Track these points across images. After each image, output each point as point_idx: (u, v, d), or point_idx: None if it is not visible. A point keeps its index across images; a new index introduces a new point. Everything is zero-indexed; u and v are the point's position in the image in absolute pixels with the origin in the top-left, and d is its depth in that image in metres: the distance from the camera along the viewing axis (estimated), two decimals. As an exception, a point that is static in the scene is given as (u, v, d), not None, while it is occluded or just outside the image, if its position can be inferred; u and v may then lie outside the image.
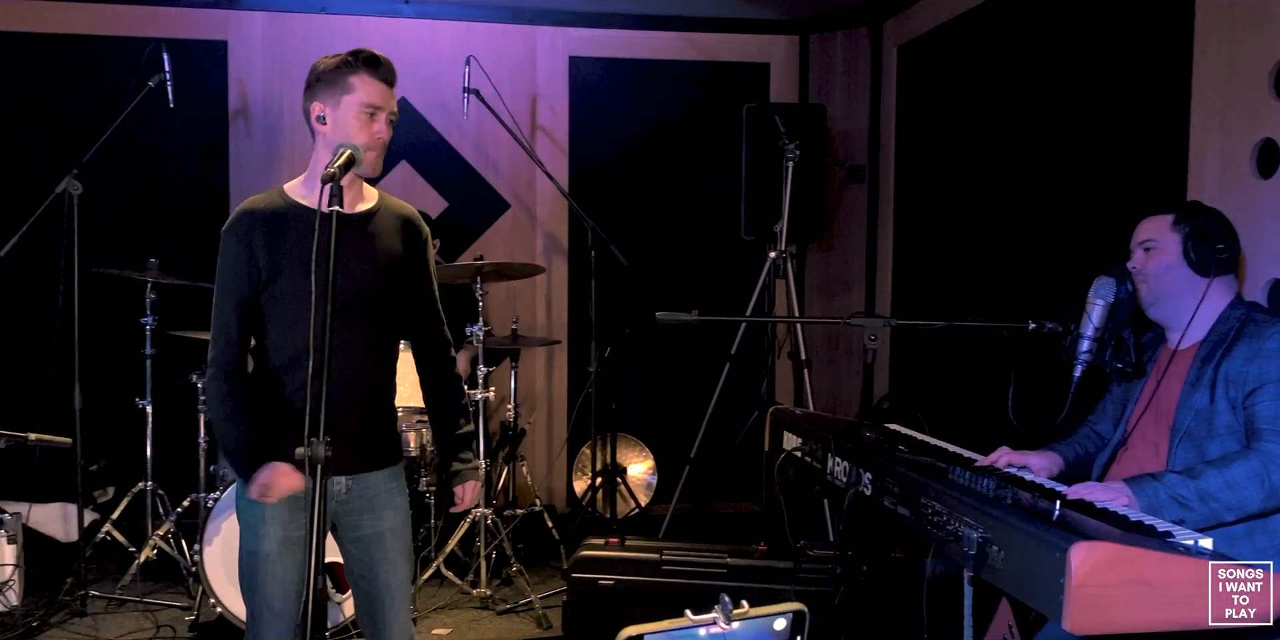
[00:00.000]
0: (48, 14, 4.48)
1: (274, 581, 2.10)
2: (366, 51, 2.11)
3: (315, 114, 2.11)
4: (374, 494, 2.18)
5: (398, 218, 2.22)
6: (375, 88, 2.10)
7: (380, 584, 2.19)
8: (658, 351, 4.91)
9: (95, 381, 3.71)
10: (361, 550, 2.19)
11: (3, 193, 4.45)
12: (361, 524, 2.18)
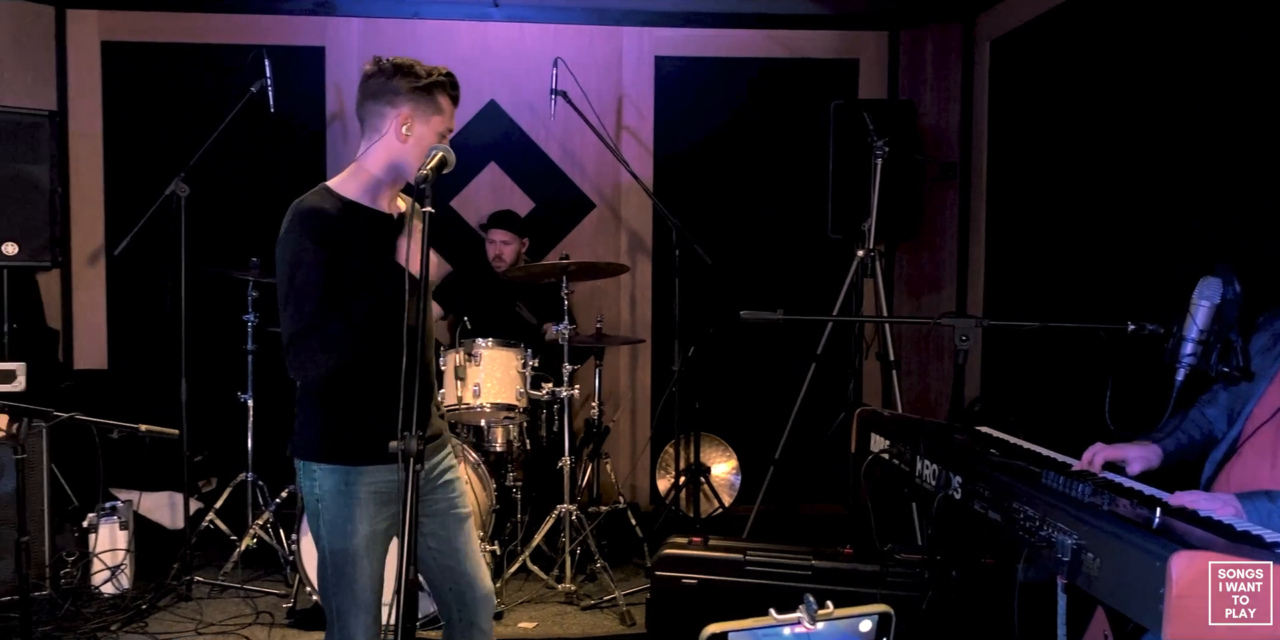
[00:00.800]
0: (160, 23, 4.70)
1: (364, 578, 2.15)
2: (447, 73, 2.19)
3: (401, 122, 2.14)
4: (443, 469, 2.27)
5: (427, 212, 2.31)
6: (452, 111, 2.20)
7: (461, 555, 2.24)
8: (742, 351, 4.89)
9: (200, 376, 3.88)
10: (437, 525, 2.23)
11: (119, 195, 4.69)
12: (437, 500, 2.24)
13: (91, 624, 3.33)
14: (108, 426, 2.47)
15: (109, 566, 3.63)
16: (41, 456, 3.50)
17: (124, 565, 3.66)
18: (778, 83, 4.98)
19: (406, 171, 2.17)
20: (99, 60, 4.67)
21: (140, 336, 4.70)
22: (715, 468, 4.75)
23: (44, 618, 3.33)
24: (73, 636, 3.22)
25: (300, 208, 2.17)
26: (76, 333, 4.72)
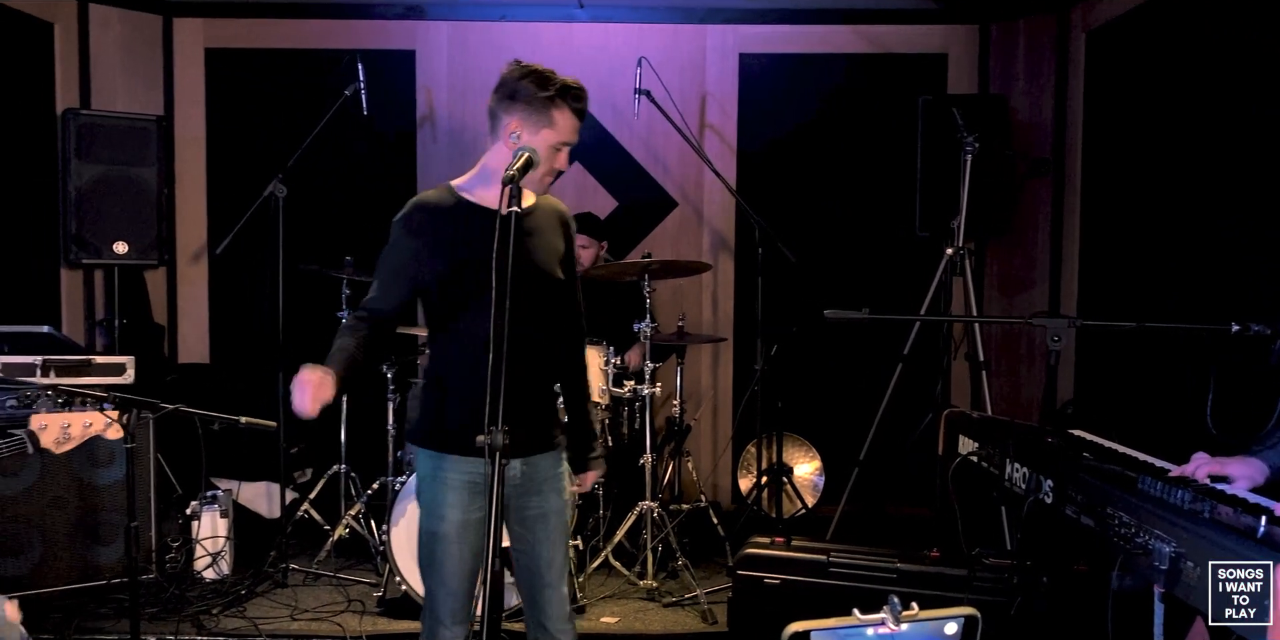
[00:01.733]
0: (259, 30, 4.88)
1: (452, 561, 2.21)
2: (574, 87, 2.18)
3: (510, 130, 2.18)
4: (542, 477, 2.28)
5: (554, 214, 2.34)
6: (572, 124, 2.19)
7: (542, 562, 2.27)
8: (826, 350, 4.84)
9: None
10: (526, 529, 2.28)
11: (221, 196, 4.88)
12: (529, 505, 2.27)
13: (194, 607, 3.48)
14: (210, 418, 2.57)
15: (210, 553, 3.78)
16: (149, 446, 3.67)
17: (224, 552, 3.81)
18: (864, 79, 4.91)
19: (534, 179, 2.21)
20: (203, 67, 4.87)
21: (240, 332, 4.89)
22: (798, 468, 4.72)
23: (150, 600, 3.48)
24: (177, 619, 3.36)
25: (413, 200, 2.27)
26: (181, 328, 4.93)
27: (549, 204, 2.34)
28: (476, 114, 4.91)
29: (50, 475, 3.49)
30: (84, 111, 4.35)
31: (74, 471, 3.54)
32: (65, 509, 3.52)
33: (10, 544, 3.42)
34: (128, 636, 2.77)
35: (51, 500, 3.50)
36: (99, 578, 3.55)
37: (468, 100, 4.91)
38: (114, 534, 3.58)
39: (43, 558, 3.48)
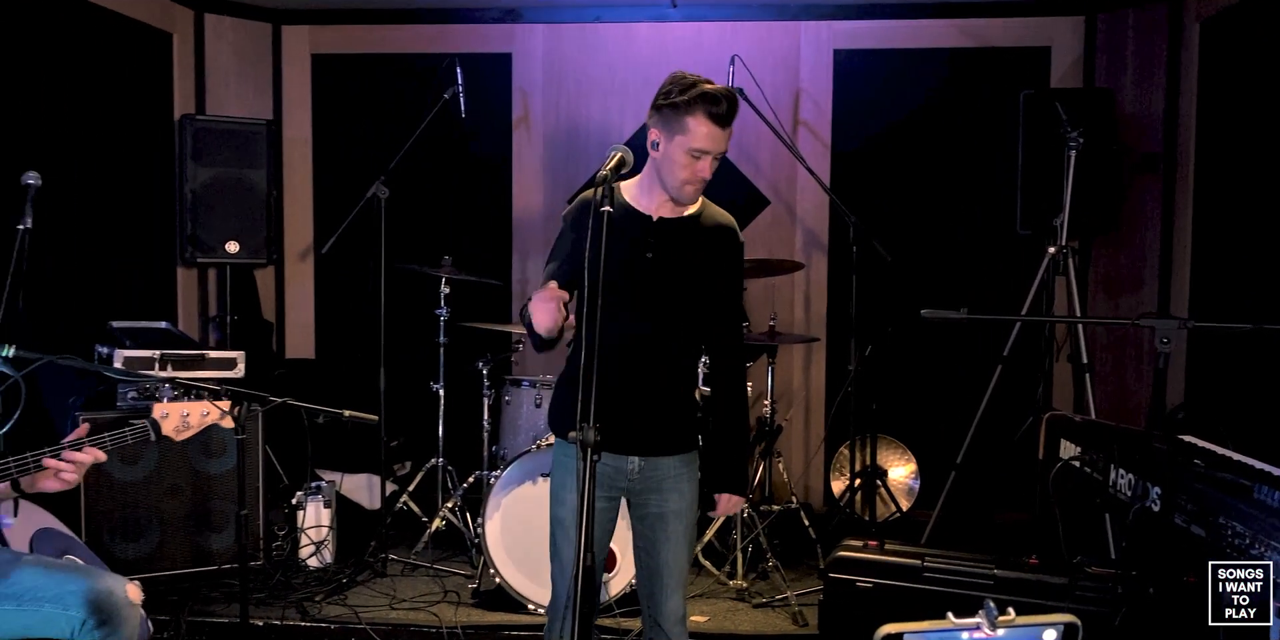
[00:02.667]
0: (363, 36, 5.03)
1: (569, 548, 2.27)
2: (710, 90, 2.15)
3: (651, 138, 2.22)
4: (663, 477, 2.30)
5: (715, 224, 2.35)
6: (707, 131, 2.16)
7: (660, 561, 2.30)
8: (922, 351, 4.75)
9: (397, 366, 4.13)
10: (646, 528, 2.31)
11: (326, 197, 5.05)
12: (648, 503, 2.30)
13: (298, 594, 3.61)
14: (315, 411, 2.66)
15: (314, 542, 3.92)
16: (258, 437, 3.82)
17: (327, 541, 3.94)
18: (963, 73, 4.80)
19: (660, 183, 2.25)
20: (309, 72, 5.05)
21: (344, 329, 5.06)
22: (892, 471, 4.64)
23: (258, 586, 3.62)
24: (282, 604, 3.49)
25: (580, 195, 2.32)
26: (288, 325, 5.12)
27: (713, 214, 2.35)
28: (571, 115, 4.97)
29: (167, 464, 3.68)
30: (199, 117, 4.56)
31: (189, 461, 3.71)
32: (180, 496, 3.70)
33: (131, 529, 3.62)
34: (237, 620, 2.90)
35: (168, 488, 3.68)
36: (211, 563, 3.72)
37: (562, 101, 4.97)
38: (225, 521, 3.75)
39: (160, 542, 3.66)
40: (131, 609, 2.31)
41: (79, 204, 3.98)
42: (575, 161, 4.94)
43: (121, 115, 4.34)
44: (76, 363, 2.47)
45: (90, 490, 3.53)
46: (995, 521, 4.47)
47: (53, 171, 3.13)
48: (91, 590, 2.25)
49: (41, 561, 2.39)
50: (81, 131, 4.09)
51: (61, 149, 3.94)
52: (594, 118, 4.94)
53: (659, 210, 2.29)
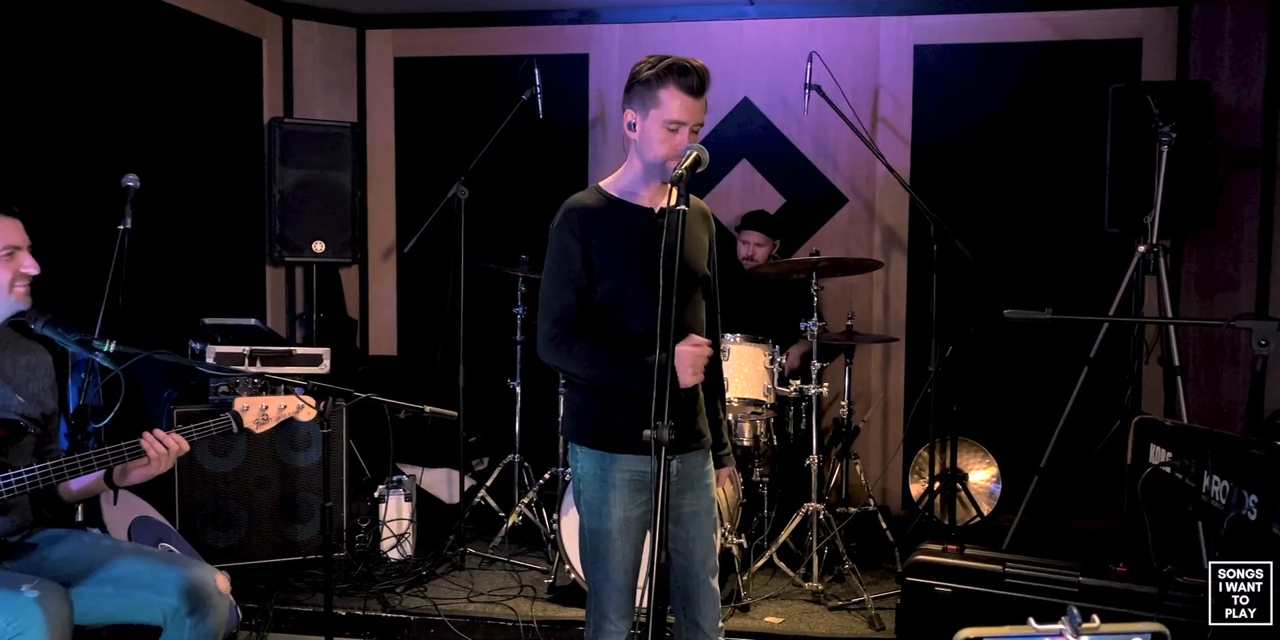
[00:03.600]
0: (444, 39, 5.12)
1: (616, 557, 2.25)
2: (677, 61, 2.14)
3: (627, 120, 2.23)
4: (695, 475, 2.30)
5: (699, 213, 2.36)
6: (680, 102, 2.14)
7: (696, 560, 2.29)
8: (1005, 352, 4.64)
9: (475, 363, 4.19)
10: (680, 527, 2.29)
11: (408, 197, 5.16)
12: (684, 503, 2.29)
13: (379, 585, 3.70)
14: (397, 407, 2.71)
15: (395, 534, 4.01)
16: (342, 432, 3.93)
17: (407, 534, 4.03)
18: (1048, 67, 4.67)
19: (647, 167, 2.24)
20: (392, 75, 5.17)
21: (425, 326, 5.16)
22: (973, 474, 4.54)
23: (341, 576, 3.72)
24: (364, 595, 3.58)
25: (565, 203, 2.31)
26: (371, 322, 5.25)
27: (695, 202, 2.34)
28: (647, 114, 4.99)
29: (255, 457, 3.80)
30: (287, 120, 4.70)
31: (276, 454, 3.83)
32: (268, 488, 3.82)
33: (222, 519, 3.75)
34: (321, 609, 2.98)
35: (256, 480, 3.81)
36: (296, 553, 3.84)
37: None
38: (310, 513, 3.86)
39: (248, 533, 3.79)
40: (220, 598, 2.39)
41: (174, 205, 4.14)
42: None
43: (214, 119, 4.50)
44: (171, 358, 2.56)
45: (184, 481, 3.67)
46: (1080, 528, 4.34)
47: (150, 174, 3.26)
48: (185, 578, 2.33)
49: (139, 550, 2.49)
50: (177, 135, 4.26)
51: (158, 152, 4.10)
52: (670, 117, 4.94)
53: (655, 201, 2.27)
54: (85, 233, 3.45)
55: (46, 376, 2.49)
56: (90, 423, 2.88)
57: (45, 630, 2.03)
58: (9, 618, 2.03)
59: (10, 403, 2.36)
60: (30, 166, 3.48)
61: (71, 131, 3.67)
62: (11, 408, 2.36)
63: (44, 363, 2.50)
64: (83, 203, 3.58)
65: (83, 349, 2.38)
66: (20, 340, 2.46)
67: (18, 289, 2.32)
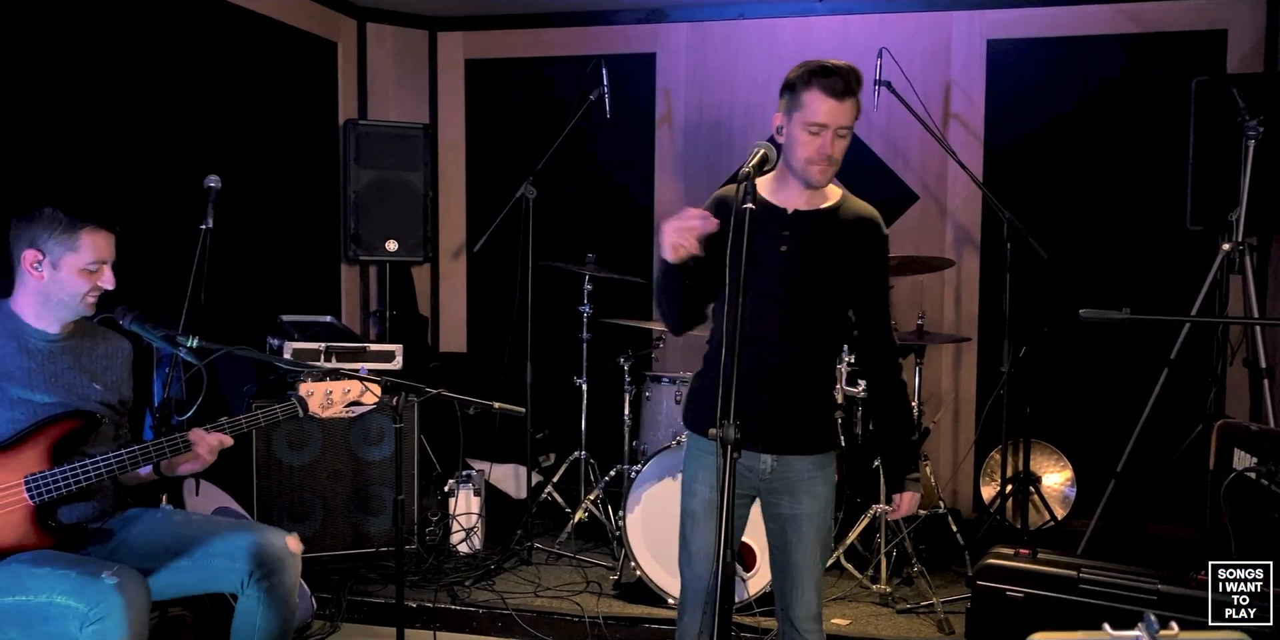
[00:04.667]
0: (513, 41, 5.18)
1: (698, 541, 2.28)
2: (822, 64, 2.13)
3: (776, 124, 2.22)
4: (796, 478, 2.27)
5: (855, 217, 2.30)
6: (823, 105, 2.12)
7: (791, 562, 2.28)
8: (1080, 353, 4.53)
9: (542, 360, 4.24)
10: (778, 528, 2.30)
11: (478, 197, 5.24)
12: (781, 503, 2.28)
13: (449, 578, 3.76)
14: (467, 403, 2.75)
15: (464, 528, 4.07)
16: (414, 427, 4.00)
17: (476, 528, 4.09)
18: (1127, 61, 4.53)
19: (791, 170, 2.23)
20: (463, 76, 5.24)
21: (493, 324, 5.23)
22: (1046, 478, 4.45)
23: (411, 568, 3.80)
24: (434, 587, 3.65)
25: (714, 194, 2.33)
26: (442, 320, 5.33)
27: (854, 207, 2.31)
28: (713, 113, 4.98)
29: (330, 450, 3.89)
30: (361, 122, 4.80)
31: (350, 448, 3.93)
32: (342, 481, 3.92)
33: (298, 510, 3.85)
34: (393, 600, 3.05)
35: (330, 473, 3.90)
36: (368, 545, 3.92)
37: (705, 99, 4.98)
38: (382, 506, 3.94)
39: (323, 524, 3.89)
40: (292, 559, 2.47)
41: (253, 205, 4.26)
42: (717, 159, 4.94)
43: (292, 121, 4.62)
44: (251, 353, 2.64)
45: (262, 473, 3.78)
46: (1159, 534, 4.22)
47: (230, 175, 3.36)
48: (255, 543, 2.42)
49: (209, 520, 2.59)
50: (256, 137, 4.38)
51: (239, 154, 4.23)
52: (736, 115, 4.93)
53: (794, 203, 2.26)
54: (169, 232, 3.58)
55: (124, 364, 2.59)
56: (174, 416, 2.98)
57: (124, 616, 2.11)
58: (90, 603, 2.11)
59: (89, 391, 2.46)
60: (118, 169, 3.61)
61: (157, 134, 3.80)
62: (90, 396, 2.45)
63: (121, 350, 2.60)
64: (167, 203, 3.70)
65: (168, 344, 2.47)
66: (97, 329, 2.56)
67: (89, 299, 2.42)
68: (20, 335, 2.39)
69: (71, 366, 2.45)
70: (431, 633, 3.40)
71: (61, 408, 2.37)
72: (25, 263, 2.37)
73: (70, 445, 2.35)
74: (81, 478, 2.30)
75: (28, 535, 2.26)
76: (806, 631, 2.29)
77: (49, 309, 2.41)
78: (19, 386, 2.34)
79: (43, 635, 2.19)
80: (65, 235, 2.35)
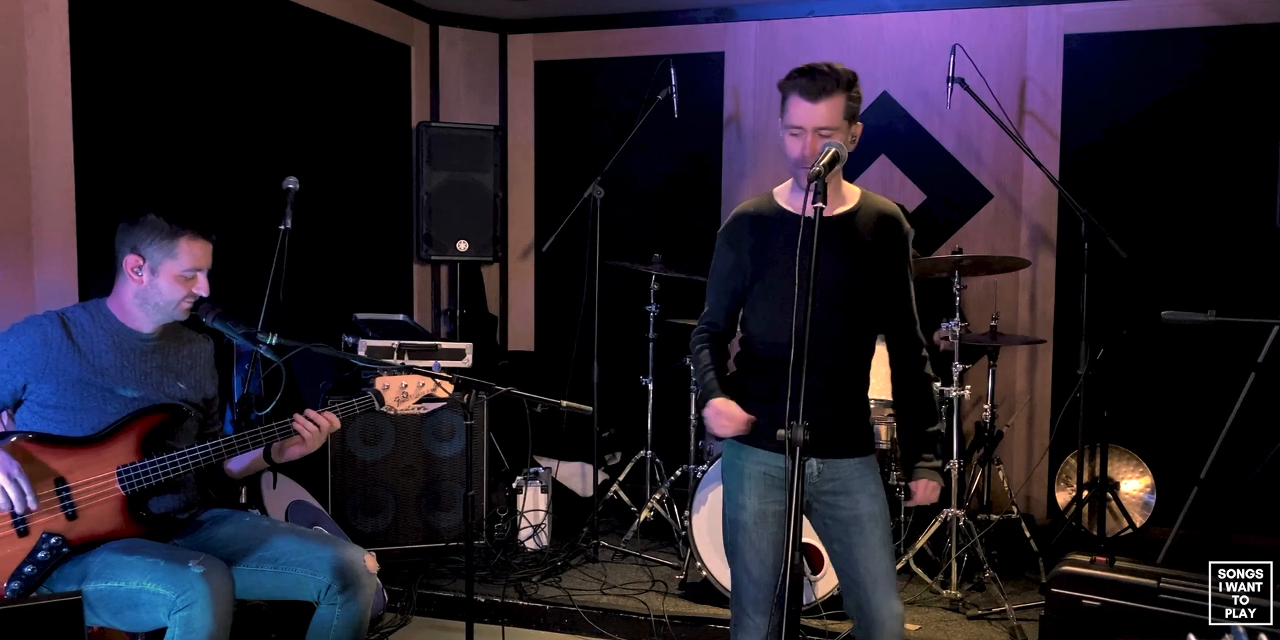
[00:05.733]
0: (581, 42, 5.22)
1: (750, 550, 2.26)
2: (802, 67, 2.16)
3: (780, 128, 2.25)
4: (848, 479, 2.27)
5: (877, 216, 2.29)
6: (798, 108, 2.15)
7: (861, 570, 2.24)
8: (1161, 356, 4.39)
9: (609, 359, 4.26)
10: (839, 533, 2.27)
11: (546, 198, 5.29)
12: (838, 505, 2.26)
13: (516, 573, 3.80)
14: (535, 401, 2.78)
15: (532, 525, 4.11)
16: (483, 423, 4.06)
17: (543, 525, 4.13)
18: (1211, 55, 4.38)
19: (791, 170, 2.25)
20: (532, 78, 5.29)
21: (560, 323, 5.27)
22: (1125, 484, 4.33)
23: (480, 564, 3.85)
24: (503, 583, 3.69)
25: (733, 211, 2.37)
26: (510, 318, 5.40)
27: (875, 204, 2.31)
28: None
29: (402, 446, 3.97)
30: (433, 124, 4.88)
31: (421, 444, 4.00)
32: (413, 476, 3.99)
33: (370, 504, 3.93)
34: (462, 595, 3.09)
35: (403, 468, 3.98)
36: (439, 540, 3.99)
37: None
38: (452, 501, 4.01)
39: (395, 518, 3.96)
40: (369, 578, 2.52)
41: (329, 206, 4.36)
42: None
43: (366, 123, 4.72)
44: (328, 350, 2.70)
45: (336, 468, 3.87)
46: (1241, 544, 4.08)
47: (308, 176, 3.45)
48: (337, 558, 2.47)
49: (295, 529, 2.65)
50: (332, 139, 4.49)
51: (315, 156, 4.33)
52: (806, 114, 4.89)
53: (808, 208, 2.25)
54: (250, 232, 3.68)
55: (207, 364, 2.68)
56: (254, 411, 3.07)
57: (210, 603, 2.18)
58: (178, 591, 2.18)
59: (173, 390, 2.54)
60: (205, 172, 3.73)
61: (240, 138, 3.92)
62: (175, 394, 2.54)
63: (205, 350, 2.68)
64: (248, 204, 3.81)
65: (248, 341, 2.55)
66: (183, 331, 2.65)
67: (183, 305, 2.50)
68: (116, 334, 2.48)
69: (160, 365, 2.54)
70: (500, 627, 3.44)
71: (148, 402, 2.46)
72: (127, 266, 2.46)
73: (157, 438, 2.44)
74: (170, 469, 2.39)
75: (120, 524, 2.35)
76: (877, 633, 2.25)
77: (145, 311, 2.49)
78: (113, 382, 2.43)
79: (133, 620, 2.28)
80: (165, 242, 2.44)
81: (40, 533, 2.26)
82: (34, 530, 2.26)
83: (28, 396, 2.39)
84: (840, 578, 2.33)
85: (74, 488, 2.32)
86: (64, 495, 2.30)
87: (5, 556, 2.24)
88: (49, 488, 2.29)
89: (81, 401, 2.39)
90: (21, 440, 2.31)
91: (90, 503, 2.32)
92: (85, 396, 2.39)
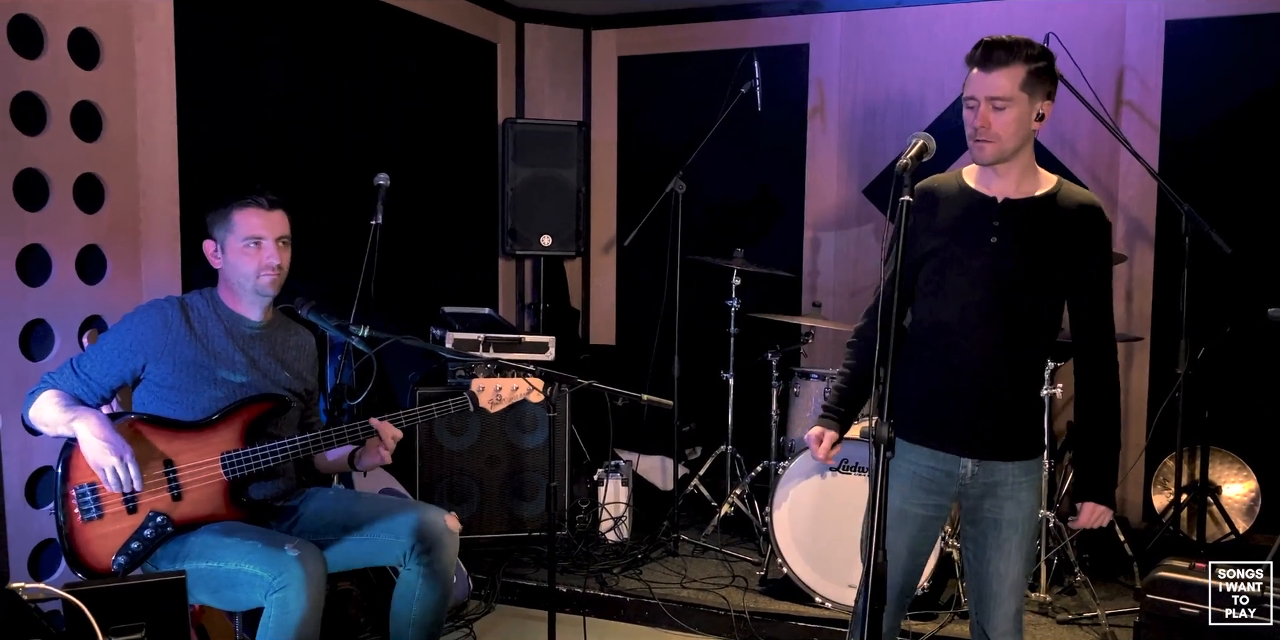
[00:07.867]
0: (665, 37, 5.22)
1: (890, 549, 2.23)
2: (981, 41, 2.08)
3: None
4: (997, 483, 2.18)
5: (1074, 206, 2.17)
6: (971, 78, 2.09)
7: (989, 570, 2.20)
8: (1267, 354, 4.20)
9: (690, 354, 4.26)
10: (978, 533, 2.22)
11: (628, 192, 5.31)
12: (981, 509, 2.20)
13: (597, 565, 3.84)
14: (616, 394, 2.80)
15: (613, 517, 4.14)
16: (565, 416, 4.11)
17: (624, 517, 4.16)
18: (1331, 38, 4.17)
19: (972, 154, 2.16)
20: (615, 73, 5.32)
21: (642, 317, 5.29)
22: (1226, 488, 4.15)
23: (562, 554, 3.89)
24: (584, 573, 3.73)
25: (920, 183, 2.25)
26: (592, 313, 5.44)
27: (1071, 194, 2.18)
28: (867, 102, 4.88)
29: (487, 437, 4.04)
30: (519, 120, 4.95)
31: (505, 435, 4.06)
32: (498, 467, 4.06)
33: (456, 493, 4.02)
34: (545, 584, 3.13)
35: (488, 459, 4.05)
36: (522, 530, 4.06)
37: (858, 89, 4.88)
38: (535, 492, 4.07)
39: (480, 507, 4.04)
40: (450, 536, 2.60)
41: (418, 201, 4.46)
42: (871, 151, 4.84)
43: (454, 120, 4.81)
44: (417, 343, 2.78)
45: (424, 457, 3.97)
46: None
47: (398, 173, 3.53)
48: (417, 520, 2.56)
49: (375, 498, 2.76)
50: (421, 136, 4.58)
51: (405, 152, 4.43)
52: (892, 105, 4.81)
53: (1004, 191, 2.15)
54: (343, 227, 3.79)
55: (309, 356, 2.77)
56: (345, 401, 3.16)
57: (304, 586, 2.27)
58: (274, 573, 2.27)
59: (279, 378, 2.64)
60: (296, 168, 3.85)
61: (334, 136, 4.03)
62: (280, 383, 2.63)
63: (309, 343, 2.78)
64: (341, 200, 3.92)
65: (341, 333, 2.63)
66: (290, 323, 2.75)
67: (261, 279, 2.53)
68: (227, 320, 2.59)
69: (268, 353, 2.63)
70: (581, 618, 3.48)
71: (254, 389, 2.56)
72: (208, 253, 2.58)
73: (260, 427, 2.53)
74: (270, 458, 2.48)
75: (221, 508, 2.45)
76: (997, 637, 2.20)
77: (239, 294, 2.59)
78: (223, 367, 2.54)
79: (230, 600, 2.38)
80: (223, 218, 2.54)
81: (147, 511, 2.38)
82: (142, 508, 2.38)
83: (146, 376, 2.50)
84: (968, 575, 2.27)
85: (180, 470, 2.42)
86: (171, 477, 2.41)
87: (114, 532, 2.36)
88: (158, 468, 2.40)
89: (194, 383, 2.49)
90: (136, 421, 2.43)
91: (194, 486, 2.43)
92: (197, 379, 2.50)
